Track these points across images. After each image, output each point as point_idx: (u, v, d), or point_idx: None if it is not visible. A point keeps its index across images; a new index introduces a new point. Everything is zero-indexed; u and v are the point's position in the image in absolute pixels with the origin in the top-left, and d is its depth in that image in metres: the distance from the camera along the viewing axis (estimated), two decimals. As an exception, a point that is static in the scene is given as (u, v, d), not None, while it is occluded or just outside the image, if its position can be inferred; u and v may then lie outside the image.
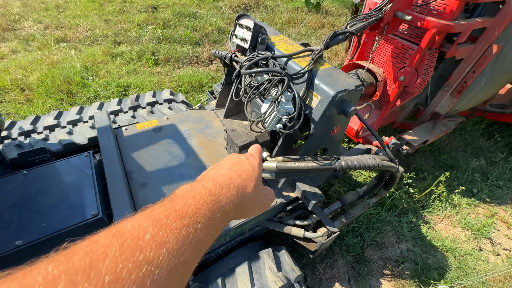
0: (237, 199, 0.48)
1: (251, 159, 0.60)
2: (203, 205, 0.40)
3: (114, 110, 2.21)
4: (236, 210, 0.47)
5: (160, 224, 0.33)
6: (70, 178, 1.37)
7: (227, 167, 0.55)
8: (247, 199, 0.51)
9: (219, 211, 0.42)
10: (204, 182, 0.46)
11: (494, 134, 3.56)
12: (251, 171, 0.56)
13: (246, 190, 0.51)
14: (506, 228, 2.54)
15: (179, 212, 0.37)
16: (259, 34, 1.45)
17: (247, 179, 0.54)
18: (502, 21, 1.91)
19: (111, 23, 5.22)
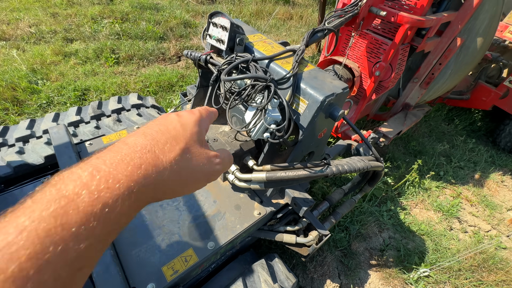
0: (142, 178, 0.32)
1: (185, 116, 0.44)
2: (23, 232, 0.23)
3: (73, 121, 1.94)
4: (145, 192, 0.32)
5: None
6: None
7: (139, 131, 0.39)
8: (164, 173, 0.35)
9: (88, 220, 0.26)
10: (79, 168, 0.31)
11: (453, 118, 3.86)
12: (179, 131, 0.40)
13: (161, 159, 0.35)
14: (470, 206, 2.79)
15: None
16: (236, 34, 1.33)
17: (168, 142, 0.37)
18: (464, 15, 2.00)
19: (59, 17, 4.63)
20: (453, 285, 2.04)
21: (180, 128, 0.40)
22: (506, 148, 3.45)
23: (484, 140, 3.69)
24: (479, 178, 3.10)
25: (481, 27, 2.13)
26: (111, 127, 1.94)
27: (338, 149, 1.92)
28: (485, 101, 3.35)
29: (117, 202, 0.29)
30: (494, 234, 2.52)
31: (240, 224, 1.36)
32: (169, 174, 0.35)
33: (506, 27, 3.05)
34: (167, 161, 0.36)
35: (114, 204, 0.29)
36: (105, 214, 0.28)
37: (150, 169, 0.33)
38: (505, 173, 3.22)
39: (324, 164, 1.25)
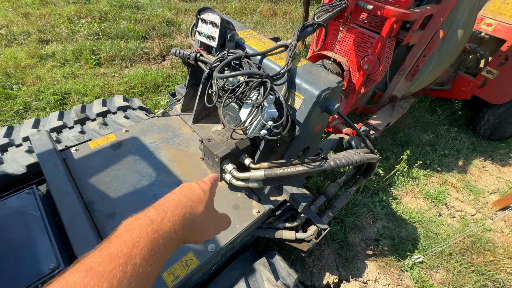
0: (185, 221, 0.49)
1: (202, 185, 0.63)
2: (141, 237, 0.40)
3: (56, 126, 1.84)
4: (184, 232, 0.48)
5: (91, 273, 0.34)
6: (11, 225, 1.08)
7: (176, 192, 0.57)
8: (197, 220, 0.53)
9: (162, 238, 0.43)
10: (147, 212, 0.47)
11: (436, 109, 4.00)
12: (201, 194, 0.58)
13: (195, 211, 0.53)
14: (456, 192, 2.91)
15: (113, 253, 0.37)
16: (227, 31, 1.30)
17: (197, 201, 0.56)
18: (446, 8, 2.06)
19: (32, 18, 4.37)
20: (445, 268, 2.12)
21: (202, 194, 0.59)
22: (485, 135, 3.63)
23: (465, 129, 3.86)
24: (462, 165, 3.24)
25: (461, 19, 2.20)
26: (97, 131, 1.85)
27: (331, 143, 1.93)
28: (465, 91, 3.49)
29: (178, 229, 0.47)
30: (480, 217, 2.64)
31: (239, 224, 1.34)
32: (199, 222, 0.53)
33: (482, 19, 3.18)
34: (198, 212, 0.54)
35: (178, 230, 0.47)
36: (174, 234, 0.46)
37: (191, 216, 0.52)
38: (485, 158, 3.38)
39: (322, 159, 1.25)
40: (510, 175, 3.21)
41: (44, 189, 1.50)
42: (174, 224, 0.46)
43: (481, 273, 2.07)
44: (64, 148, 1.56)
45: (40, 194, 1.36)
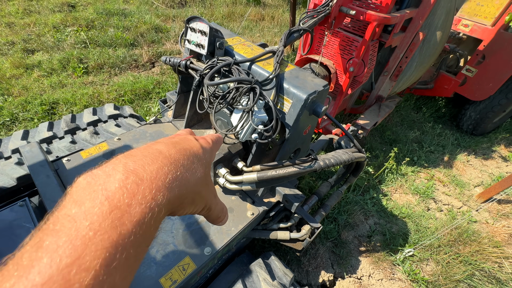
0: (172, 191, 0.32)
1: (202, 141, 0.45)
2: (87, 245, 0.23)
3: (46, 137, 1.82)
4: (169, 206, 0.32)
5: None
6: (4, 239, 1.07)
7: (166, 141, 0.38)
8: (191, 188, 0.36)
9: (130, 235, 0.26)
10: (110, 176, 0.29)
11: (421, 107, 4.15)
12: (200, 151, 0.41)
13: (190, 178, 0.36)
14: (443, 186, 3.02)
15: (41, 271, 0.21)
16: (216, 39, 1.33)
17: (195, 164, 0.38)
18: (424, 11, 2.17)
19: (16, 27, 4.29)
20: (435, 260, 2.20)
21: (202, 153, 0.41)
22: (468, 130, 3.78)
23: (449, 125, 4.01)
24: (448, 160, 3.36)
25: (439, 21, 2.32)
26: (89, 141, 1.85)
27: (321, 144, 1.99)
28: (447, 89, 3.64)
29: (161, 210, 0.30)
30: (466, 209, 2.75)
31: (234, 227, 1.36)
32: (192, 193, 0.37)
33: (459, 21, 3.34)
34: (194, 179, 0.37)
35: (159, 212, 0.30)
36: (152, 221, 0.29)
37: (183, 182, 0.34)
38: (469, 153, 3.53)
39: (312, 160, 1.29)
40: (493, 168, 3.36)
41: (36, 201, 1.49)
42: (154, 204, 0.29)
43: (468, 263, 2.16)
44: (56, 159, 1.55)
45: (32, 206, 1.35)
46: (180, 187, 0.33)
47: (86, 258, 0.23)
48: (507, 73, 3.10)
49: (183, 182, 0.34)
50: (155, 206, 0.29)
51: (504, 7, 2.91)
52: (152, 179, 0.30)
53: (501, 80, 3.17)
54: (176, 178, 0.33)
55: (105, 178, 0.29)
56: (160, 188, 0.30)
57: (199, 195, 0.39)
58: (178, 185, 0.33)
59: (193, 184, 0.36)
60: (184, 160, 0.36)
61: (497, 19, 3.00)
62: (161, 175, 0.31)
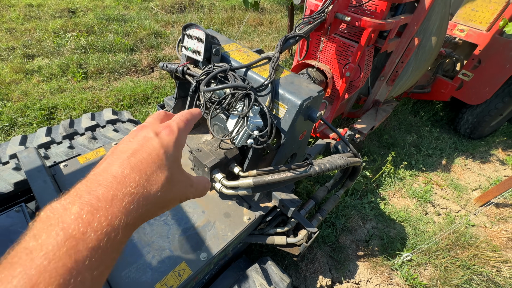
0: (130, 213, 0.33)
1: (164, 138, 0.42)
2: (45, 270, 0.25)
3: (43, 142, 1.83)
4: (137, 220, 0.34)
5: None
6: (0, 245, 1.08)
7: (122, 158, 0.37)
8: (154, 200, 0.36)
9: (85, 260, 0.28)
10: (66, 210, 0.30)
11: (419, 111, 4.17)
12: (162, 158, 0.39)
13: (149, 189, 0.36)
14: (441, 190, 3.02)
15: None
16: (212, 45, 1.35)
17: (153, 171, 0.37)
18: (419, 17, 2.20)
19: (17, 33, 4.33)
20: (433, 265, 2.19)
21: (163, 155, 0.40)
22: (466, 134, 3.80)
23: (447, 129, 4.03)
24: (445, 164, 3.37)
25: (433, 27, 2.35)
26: (86, 146, 1.86)
27: (318, 148, 2.00)
28: (444, 93, 3.67)
29: (118, 234, 0.31)
30: (463, 213, 2.75)
31: (231, 232, 1.37)
32: (156, 203, 0.37)
33: (455, 26, 3.38)
34: (155, 191, 0.37)
35: (116, 235, 0.31)
36: (110, 245, 0.31)
37: (141, 201, 0.35)
38: (467, 157, 3.54)
39: (307, 165, 1.30)
40: (491, 172, 3.36)
41: (33, 207, 1.49)
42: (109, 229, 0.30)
43: (466, 267, 2.15)
44: (53, 164, 1.56)
45: (29, 211, 1.35)
46: (138, 206, 0.34)
47: (40, 286, 0.25)
48: (503, 77, 3.13)
49: (143, 200, 0.35)
50: (111, 231, 0.31)
51: (498, 12, 2.95)
52: (107, 208, 0.31)
53: (497, 84, 3.20)
54: (133, 200, 0.34)
55: (62, 211, 0.30)
56: (116, 214, 0.32)
57: (166, 200, 0.39)
58: (136, 206, 0.34)
59: (154, 195, 0.37)
60: (141, 175, 0.36)
61: (492, 24, 3.04)
62: (116, 201, 0.32)
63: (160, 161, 0.39)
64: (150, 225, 1.34)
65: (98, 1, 5.89)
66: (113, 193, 0.33)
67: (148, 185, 0.36)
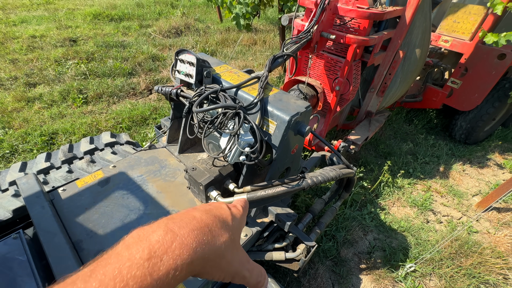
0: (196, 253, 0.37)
1: (234, 210, 0.50)
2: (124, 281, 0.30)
3: (43, 168, 1.87)
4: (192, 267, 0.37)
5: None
6: (-4, 273, 1.08)
7: (200, 208, 0.45)
8: (216, 252, 0.40)
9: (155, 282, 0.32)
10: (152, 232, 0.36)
11: (413, 119, 4.24)
12: (228, 221, 0.45)
13: (216, 239, 0.40)
14: (440, 197, 3.01)
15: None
16: (203, 68, 1.43)
17: (222, 225, 0.43)
18: (401, 32, 2.31)
19: (20, 63, 4.51)
20: (437, 275, 2.14)
21: (229, 220, 0.46)
22: (461, 140, 3.83)
23: (442, 135, 4.07)
24: (443, 170, 3.38)
25: (416, 40, 2.46)
26: (85, 169, 1.89)
27: (314, 161, 2.03)
28: (435, 101, 3.75)
29: (183, 268, 0.35)
30: (465, 220, 2.72)
31: (228, 249, 1.36)
32: (216, 255, 0.41)
33: (439, 37, 3.52)
34: (219, 243, 0.41)
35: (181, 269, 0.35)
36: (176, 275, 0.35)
37: (207, 248, 0.39)
38: (464, 162, 3.55)
39: (300, 178, 1.33)
40: (489, 176, 3.36)
41: (31, 233, 1.50)
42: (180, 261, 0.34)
43: (472, 276, 2.10)
44: (52, 189, 1.58)
45: (27, 238, 1.36)
46: (203, 249, 0.38)
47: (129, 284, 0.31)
48: (490, 83, 3.22)
49: (207, 245, 0.39)
50: (180, 263, 0.35)
51: (478, 23, 3.09)
52: (183, 239, 0.37)
53: (485, 90, 3.28)
54: (202, 241, 0.38)
55: (151, 232, 0.37)
56: (187, 247, 0.36)
57: (224, 259, 0.42)
58: (202, 248, 0.38)
59: (216, 247, 0.40)
60: (212, 225, 0.42)
61: (474, 34, 3.17)
62: (191, 236, 0.38)
63: (227, 223, 0.45)
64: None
65: (98, 30, 6.17)
66: (190, 228, 0.39)
67: (216, 235, 0.41)
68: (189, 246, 0.36)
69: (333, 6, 1.95)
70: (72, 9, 7.57)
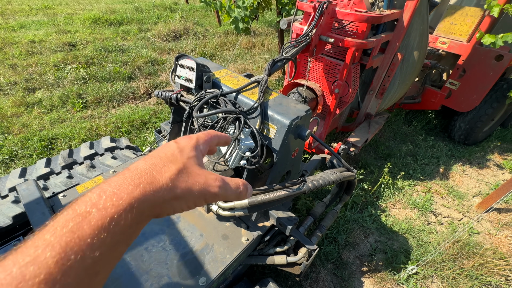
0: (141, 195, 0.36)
1: (183, 141, 0.48)
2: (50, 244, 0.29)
3: (43, 174, 1.86)
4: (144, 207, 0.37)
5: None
6: (-4, 281, 1.07)
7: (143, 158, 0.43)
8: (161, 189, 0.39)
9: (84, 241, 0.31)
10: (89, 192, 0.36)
11: (412, 120, 4.25)
12: (175, 155, 0.44)
13: (157, 178, 0.39)
14: (441, 198, 3.01)
15: None
16: (203, 73, 1.43)
17: (165, 165, 0.41)
18: (399, 34, 2.33)
19: (19, 68, 4.51)
20: (439, 277, 2.14)
21: (178, 153, 0.44)
22: (460, 141, 3.84)
23: (441, 136, 4.08)
24: (443, 172, 3.38)
25: (414, 42, 2.47)
26: (85, 175, 1.89)
27: (314, 164, 2.03)
28: (434, 102, 3.76)
29: (121, 216, 0.34)
30: (466, 221, 2.72)
31: (229, 254, 1.36)
32: (165, 191, 0.39)
33: (436, 39, 3.55)
34: (163, 180, 0.40)
35: (119, 217, 0.34)
36: (113, 226, 0.33)
37: (148, 187, 0.38)
38: (464, 163, 3.56)
39: (300, 182, 1.33)
40: (489, 177, 3.37)
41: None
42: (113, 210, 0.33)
43: (474, 277, 2.10)
44: (52, 195, 1.58)
45: (27, 244, 1.36)
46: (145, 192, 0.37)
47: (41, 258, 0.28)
48: (488, 84, 3.24)
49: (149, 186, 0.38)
50: (115, 212, 0.33)
51: (475, 25, 3.11)
52: (114, 191, 0.35)
53: (483, 91, 3.30)
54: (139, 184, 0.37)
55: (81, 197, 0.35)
56: (120, 196, 0.35)
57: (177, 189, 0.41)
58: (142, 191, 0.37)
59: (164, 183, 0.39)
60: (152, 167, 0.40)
61: (471, 36, 3.19)
62: (123, 186, 0.36)
63: (173, 157, 0.43)
64: (148, 251, 1.33)
65: (97, 34, 6.19)
66: (123, 179, 0.37)
67: (157, 174, 0.40)
68: (120, 195, 0.35)
69: (331, 10, 1.97)
70: (71, 14, 7.60)
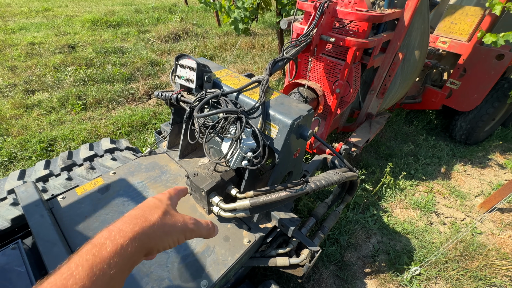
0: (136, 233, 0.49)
1: (158, 196, 0.65)
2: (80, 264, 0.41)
3: (42, 176, 1.84)
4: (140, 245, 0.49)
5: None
6: (-6, 285, 1.05)
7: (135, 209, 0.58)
8: (154, 227, 0.53)
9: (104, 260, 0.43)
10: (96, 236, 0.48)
11: (412, 120, 4.23)
12: (157, 203, 0.60)
13: (149, 219, 0.53)
14: (443, 198, 2.99)
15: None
16: (203, 73, 1.42)
17: (151, 209, 0.57)
18: (400, 34, 2.31)
19: (18, 70, 4.50)
20: (443, 278, 2.12)
21: (158, 202, 0.61)
22: (462, 140, 3.83)
23: (442, 136, 4.06)
24: (445, 171, 3.36)
25: (415, 42, 2.46)
26: (85, 176, 1.87)
27: (316, 164, 2.01)
28: (435, 102, 3.75)
29: (128, 244, 0.47)
30: (469, 221, 2.70)
31: (231, 256, 1.34)
32: (156, 228, 0.54)
33: (437, 38, 3.54)
34: (154, 219, 0.55)
35: (127, 245, 0.47)
36: (123, 251, 0.46)
37: (144, 224, 0.52)
38: (465, 163, 3.54)
39: (303, 182, 1.31)
40: (491, 177, 3.35)
41: (30, 242, 1.47)
42: (122, 241, 0.46)
43: (478, 278, 2.08)
44: (51, 197, 1.56)
45: (25, 247, 1.34)
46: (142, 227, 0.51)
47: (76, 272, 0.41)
48: (489, 83, 3.22)
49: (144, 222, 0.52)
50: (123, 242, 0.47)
51: (476, 24, 3.10)
52: (120, 229, 0.49)
53: (484, 90, 3.28)
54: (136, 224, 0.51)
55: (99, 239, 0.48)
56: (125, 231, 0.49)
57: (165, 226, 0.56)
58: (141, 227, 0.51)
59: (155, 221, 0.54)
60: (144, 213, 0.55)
61: (472, 35, 3.19)
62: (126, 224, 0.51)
63: (155, 205, 0.60)
64: (149, 254, 1.31)
65: (96, 36, 6.19)
66: (124, 221, 0.52)
67: (148, 215, 0.55)
68: (125, 230, 0.48)
69: (332, 9, 1.96)
70: (71, 15, 7.61)
